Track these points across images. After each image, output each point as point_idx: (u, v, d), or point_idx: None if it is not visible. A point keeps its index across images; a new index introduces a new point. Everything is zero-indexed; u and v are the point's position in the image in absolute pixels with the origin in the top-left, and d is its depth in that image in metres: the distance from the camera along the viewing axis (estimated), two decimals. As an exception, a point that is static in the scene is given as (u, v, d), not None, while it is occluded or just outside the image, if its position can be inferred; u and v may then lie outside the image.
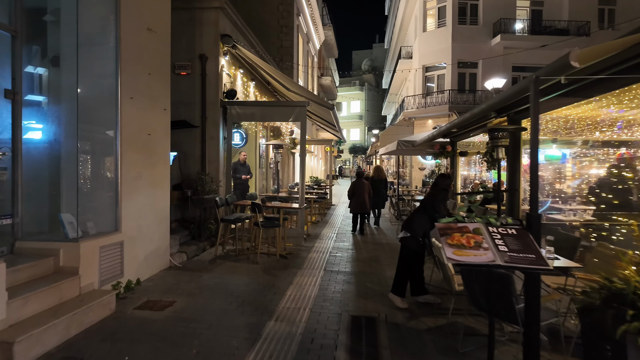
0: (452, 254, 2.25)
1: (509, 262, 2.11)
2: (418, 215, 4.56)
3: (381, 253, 7.11)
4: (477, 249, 2.24)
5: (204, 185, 7.04)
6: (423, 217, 4.49)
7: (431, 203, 4.46)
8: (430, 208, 4.45)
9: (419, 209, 4.63)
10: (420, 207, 4.63)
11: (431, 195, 4.52)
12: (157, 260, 5.41)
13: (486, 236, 2.35)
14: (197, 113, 7.70)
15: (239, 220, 6.55)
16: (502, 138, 5.95)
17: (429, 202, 4.51)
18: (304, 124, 7.62)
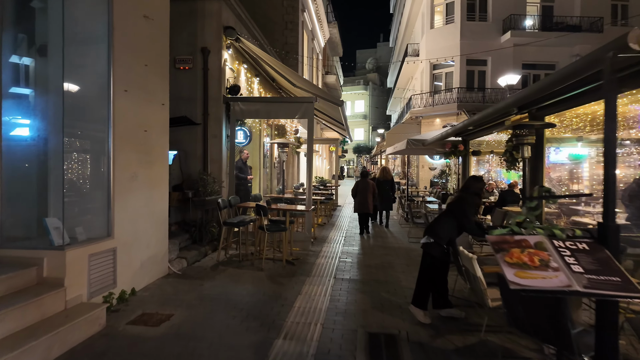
0: (514, 276, 1.81)
1: (589, 288, 1.68)
2: (444, 220, 4.13)
3: (394, 258, 6.67)
4: (545, 270, 1.81)
5: (206, 186, 6.63)
6: (449, 222, 4.06)
7: (460, 207, 4.02)
8: (459, 213, 4.01)
9: (446, 213, 4.19)
10: (447, 211, 4.19)
11: (460, 199, 4.08)
12: (154, 267, 5.00)
13: (552, 252, 1.91)
14: (198, 110, 7.29)
15: (242, 223, 6.13)
16: (529, 135, 5.54)
17: (458, 206, 4.07)
18: (312, 121, 7.19)
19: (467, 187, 4.11)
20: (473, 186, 4.08)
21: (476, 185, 4.09)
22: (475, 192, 4.06)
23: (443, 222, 4.11)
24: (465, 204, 4.02)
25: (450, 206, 4.19)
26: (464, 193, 4.09)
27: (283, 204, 6.26)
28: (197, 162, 7.26)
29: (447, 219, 4.10)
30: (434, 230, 4.09)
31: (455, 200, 4.16)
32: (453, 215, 4.07)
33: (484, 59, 18.99)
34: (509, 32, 18.10)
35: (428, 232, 4.13)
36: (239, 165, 8.44)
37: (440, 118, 19.39)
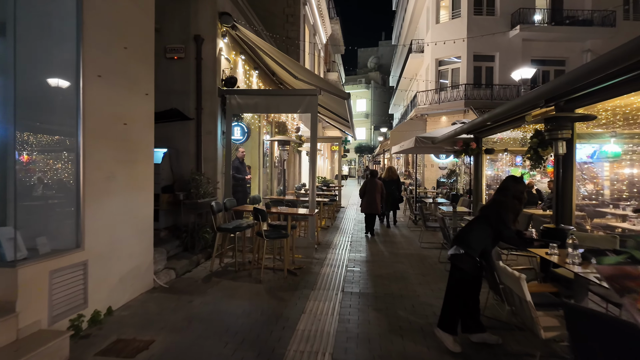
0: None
1: None
2: (477, 227, 3.49)
3: (407, 267, 6.03)
4: None
5: (199, 187, 5.99)
6: (483, 230, 3.42)
7: (498, 213, 3.38)
8: (496, 219, 3.37)
9: (479, 220, 3.55)
10: (481, 217, 3.55)
11: (498, 204, 3.43)
12: (136, 281, 4.36)
13: None
14: (191, 103, 6.65)
15: (239, 229, 5.49)
16: (564, 129, 4.89)
17: (495, 211, 3.42)
18: (315, 115, 6.54)
19: (505, 189, 3.46)
20: (513, 188, 3.43)
21: (516, 187, 3.44)
22: (515, 195, 3.41)
23: (476, 230, 3.47)
24: (504, 209, 3.37)
25: (485, 211, 3.54)
26: (502, 196, 3.44)
27: (284, 207, 5.63)
28: (190, 161, 6.62)
29: (481, 227, 3.46)
30: (464, 239, 3.45)
31: (491, 204, 3.51)
32: (488, 222, 3.42)
33: (491, 55, 18.35)
34: (517, 26, 17.44)
35: (457, 241, 3.49)
36: (236, 164, 7.80)
37: (447, 116, 18.74)
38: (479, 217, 3.59)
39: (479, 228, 3.45)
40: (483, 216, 3.51)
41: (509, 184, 3.46)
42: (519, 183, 3.45)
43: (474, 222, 3.60)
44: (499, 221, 3.33)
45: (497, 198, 3.46)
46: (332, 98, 7.63)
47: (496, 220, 3.36)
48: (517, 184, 3.45)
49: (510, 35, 17.86)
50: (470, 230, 3.51)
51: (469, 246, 3.38)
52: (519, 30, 17.34)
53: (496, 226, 3.35)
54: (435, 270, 5.83)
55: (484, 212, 3.54)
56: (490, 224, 3.39)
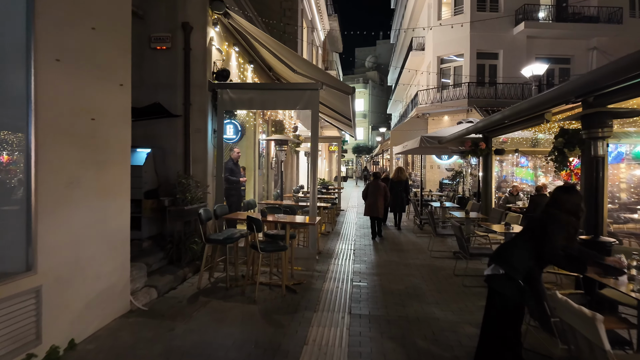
0: None
1: None
2: (521, 244, 2.86)
3: (419, 280, 5.40)
4: None
5: (186, 191, 5.33)
6: (528, 246, 2.80)
7: (549, 229, 2.75)
8: (545, 235, 2.74)
9: (523, 234, 2.93)
10: (525, 232, 2.93)
11: (550, 218, 2.80)
12: (108, 305, 3.70)
13: None
14: (178, 98, 5.99)
15: (230, 239, 4.84)
16: (605, 127, 4.28)
17: (545, 225, 2.79)
18: (316, 112, 5.90)
19: (558, 202, 2.82)
20: (568, 202, 2.80)
21: (571, 200, 2.80)
22: (569, 209, 2.78)
23: (519, 247, 2.84)
24: (557, 226, 2.74)
25: (532, 224, 2.92)
26: (555, 210, 2.81)
27: (282, 215, 4.99)
28: (177, 163, 5.96)
29: (525, 243, 2.84)
30: (505, 257, 2.83)
31: (541, 218, 2.88)
32: (534, 239, 2.80)
33: (495, 52, 17.80)
34: (522, 23, 16.90)
35: (496, 258, 2.87)
36: (230, 166, 7.14)
37: (449, 115, 18.18)
38: (523, 231, 2.97)
39: (522, 245, 2.83)
40: (527, 231, 2.89)
41: (561, 196, 2.83)
42: (572, 194, 2.82)
43: (517, 238, 2.98)
44: (547, 238, 2.70)
45: (550, 211, 2.83)
46: (333, 94, 6.98)
47: (542, 234, 2.73)
48: (570, 195, 2.82)
49: (515, 32, 17.32)
50: (512, 246, 2.88)
51: (510, 265, 2.76)
52: (524, 27, 16.79)
53: (542, 243, 2.73)
54: (452, 285, 5.21)
55: (531, 225, 2.92)
56: (536, 239, 2.76)
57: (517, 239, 2.95)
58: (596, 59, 17.43)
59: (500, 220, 6.94)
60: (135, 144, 5.81)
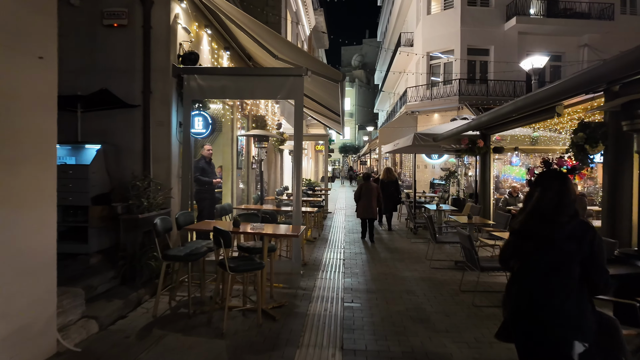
0: None
1: None
2: (569, 288, 1.88)
3: (421, 299, 4.60)
4: None
5: (141, 196, 4.40)
6: (576, 288, 1.88)
7: (596, 253, 1.87)
8: (598, 264, 1.88)
9: (564, 270, 1.90)
10: (561, 272, 1.91)
11: (588, 235, 1.88)
12: (22, 349, 2.76)
13: None
14: (136, 85, 5.06)
15: (194, 255, 3.94)
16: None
17: (593, 252, 1.88)
18: (300, 102, 5.05)
19: (573, 203, 1.97)
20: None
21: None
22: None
23: (576, 299, 1.86)
24: (599, 241, 1.90)
25: (564, 257, 1.91)
26: (584, 221, 1.95)
27: (258, 225, 4.10)
28: (135, 162, 5.02)
29: (579, 287, 1.90)
30: (575, 322, 1.84)
31: (597, 246, 1.95)
32: (574, 273, 1.89)
33: (486, 48, 17.26)
34: (514, 18, 16.38)
35: (568, 329, 1.84)
36: (201, 165, 6.23)
37: (439, 113, 17.57)
38: (559, 271, 1.91)
39: (577, 291, 1.88)
40: (562, 265, 1.91)
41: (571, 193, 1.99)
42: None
43: (558, 283, 1.91)
44: (599, 269, 1.87)
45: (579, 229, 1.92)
46: (320, 83, 6.14)
47: (595, 266, 1.88)
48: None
49: (506, 28, 16.80)
50: (565, 299, 1.87)
51: (581, 331, 1.83)
52: (515, 22, 16.29)
53: (592, 276, 1.88)
54: (461, 305, 4.42)
55: (572, 256, 1.89)
56: (581, 273, 1.88)
57: (562, 286, 1.90)
58: (587, 56, 17.09)
59: (506, 226, 6.21)
60: (83, 140, 4.88)
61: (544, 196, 1.96)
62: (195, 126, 5.29)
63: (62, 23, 5.17)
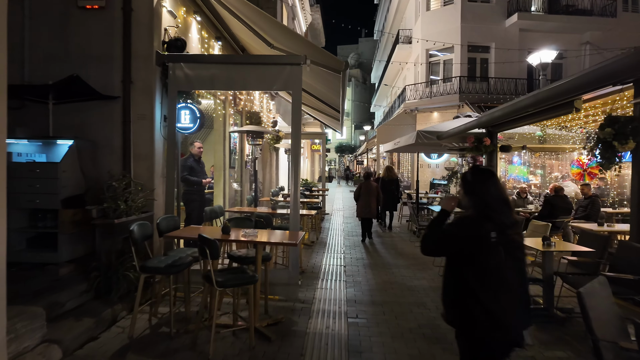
0: None
1: None
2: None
3: (433, 312, 4.13)
4: None
5: (117, 198, 3.88)
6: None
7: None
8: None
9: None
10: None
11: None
12: (-46, 390, 2.24)
13: None
14: (116, 74, 4.54)
15: (176, 267, 3.43)
16: None
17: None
18: (299, 94, 4.54)
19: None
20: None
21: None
22: None
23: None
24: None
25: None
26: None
27: (250, 231, 3.59)
28: (114, 159, 4.50)
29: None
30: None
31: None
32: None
33: (486, 45, 16.87)
34: (515, 14, 16.02)
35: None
36: (189, 164, 5.71)
37: (439, 111, 17.15)
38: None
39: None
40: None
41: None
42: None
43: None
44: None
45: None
46: (319, 75, 5.65)
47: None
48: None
49: (507, 24, 16.42)
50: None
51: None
52: (517, 18, 15.91)
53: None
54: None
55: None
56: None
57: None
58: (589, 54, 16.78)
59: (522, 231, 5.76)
60: (55, 135, 4.34)
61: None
62: (182, 120, 4.76)
63: (32, 4, 4.71)
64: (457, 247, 1.91)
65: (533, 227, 5.46)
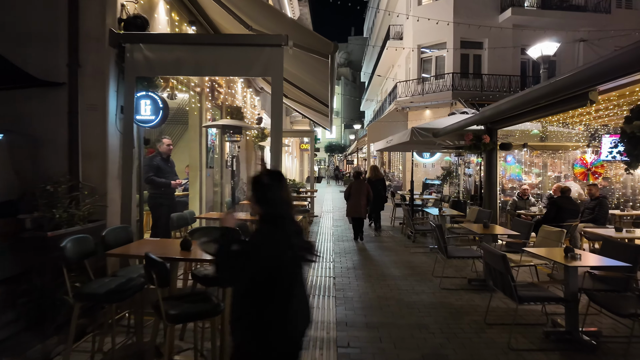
0: None
1: None
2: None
3: (438, 337, 3.49)
4: None
5: (53, 205, 3.15)
6: None
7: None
8: None
9: None
10: None
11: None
12: None
13: None
14: (60, 57, 3.80)
15: (121, 294, 2.72)
16: None
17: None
18: (279, 80, 3.86)
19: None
20: None
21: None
22: None
23: None
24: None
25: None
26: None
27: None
28: (59, 158, 3.76)
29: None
30: None
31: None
32: None
33: (480, 41, 16.46)
34: (509, 9, 15.62)
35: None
36: (156, 163, 4.98)
37: (431, 109, 16.64)
38: None
39: None
40: None
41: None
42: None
43: None
44: None
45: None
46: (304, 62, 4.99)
47: None
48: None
49: (501, 20, 16.01)
50: None
51: None
52: (511, 13, 15.49)
53: None
54: (492, 347, 3.32)
55: None
56: None
57: None
58: (583, 52, 16.46)
59: (528, 236, 5.18)
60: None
61: None
62: (142, 111, 4.03)
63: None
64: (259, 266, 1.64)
65: (544, 233, 4.88)
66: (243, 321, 1.66)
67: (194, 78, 5.74)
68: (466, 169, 10.60)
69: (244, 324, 1.65)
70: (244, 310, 1.66)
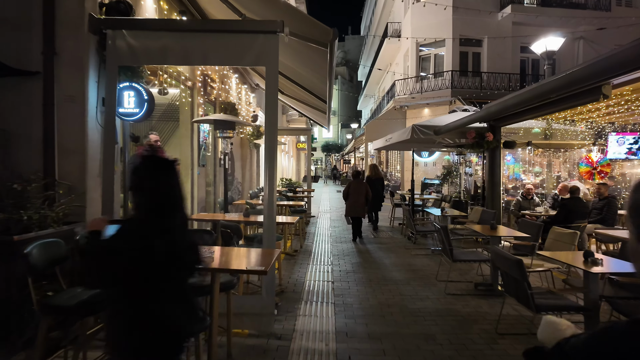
0: None
1: None
2: None
3: (447, 350, 3.21)
4: None
5: (25, 205, 2.84)
6: None
7: None
8: None
9: None
10: None
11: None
12: None
13: None
14: (34, 44, 3.48)
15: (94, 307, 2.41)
16: None
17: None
18: (274, 70, 3.56)
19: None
20: None
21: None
22: None
23: None
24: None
25: None
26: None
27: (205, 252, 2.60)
28: (33, 154, 3.44)
29: None
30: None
31: None
32: None
33: (479, 39, 16.23)
34: (509, 6, 15.41)
35: None
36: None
37: (430, 107, 16.41)
38: None
39: None
40: None
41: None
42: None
43: None
44: None
45: None
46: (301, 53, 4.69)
47: None
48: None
49: (500, 17, 15.79)
50: None
51: None
52: (510, 10, 15.28)
53: None
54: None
55: None
56: None
57: None
58: (582, 49, 16.29)
59: (538, 238, 4.91)
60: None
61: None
62: (125, 104, 3.71)
63: None
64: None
65: (555, 235, 4.61)
66: (117, 318, 1.60)
67: (185, 71, 5.44)
68: (467, 168, 10.34)
69: (118, 321, 1.60)
70: (117, 306, 1.60)
